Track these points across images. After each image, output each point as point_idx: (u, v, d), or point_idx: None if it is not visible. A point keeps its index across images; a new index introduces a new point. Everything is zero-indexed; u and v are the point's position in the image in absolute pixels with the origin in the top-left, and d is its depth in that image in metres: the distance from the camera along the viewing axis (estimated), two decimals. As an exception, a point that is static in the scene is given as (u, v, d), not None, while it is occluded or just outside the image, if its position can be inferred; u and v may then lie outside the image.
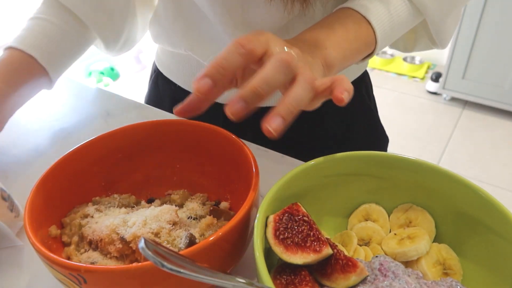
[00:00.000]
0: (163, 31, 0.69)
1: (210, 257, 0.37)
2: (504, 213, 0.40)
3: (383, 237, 0.46)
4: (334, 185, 0.48)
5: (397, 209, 0.49)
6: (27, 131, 0.71)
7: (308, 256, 0.38)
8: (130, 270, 0.34)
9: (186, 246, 0.41)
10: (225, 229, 0.37)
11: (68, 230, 0.45)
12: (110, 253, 0.42)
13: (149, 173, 0.54)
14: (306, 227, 0.39)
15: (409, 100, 2.70)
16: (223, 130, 0.50)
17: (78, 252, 0.44)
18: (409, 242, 0.44)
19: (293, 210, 0.40)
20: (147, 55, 2.97)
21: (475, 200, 0.42)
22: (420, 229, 0.46)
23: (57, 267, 0.35)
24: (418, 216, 0.47)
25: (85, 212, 0.46)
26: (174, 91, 0.75)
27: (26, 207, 0.40)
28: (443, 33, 0.60)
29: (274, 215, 0.40)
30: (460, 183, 0.43)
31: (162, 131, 0.52)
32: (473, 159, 2.16)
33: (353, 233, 0.47)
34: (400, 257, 0.44)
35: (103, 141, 0.49)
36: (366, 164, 0.47)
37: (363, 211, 0.49)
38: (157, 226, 0.42)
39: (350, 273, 0.38)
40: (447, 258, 0.45)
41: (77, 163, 0.48)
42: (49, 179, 0.44)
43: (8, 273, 0.47)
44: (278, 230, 0.39)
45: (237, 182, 0.50)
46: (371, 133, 0.80)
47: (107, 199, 0.49)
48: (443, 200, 0.45)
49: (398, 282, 0.39)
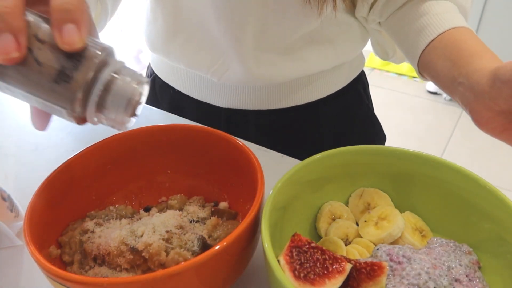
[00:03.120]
0: (162, 47, 0.68)
1: (229, 255, 0.37)
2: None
3: (356, 229, 0.47)
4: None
5: (352, 197, 0.49)
6: (27, 131, 0.71)
7: (337, 281, 0.37)
8: (157, 278, 0.33)
9: (200, 248, 0.41)
10: (242, 226, 0.37)
11: (68, 249, 0.44)
12: (119, 266, 0.41)
13: (141, 182, 0.53)
14: (318, 253, 0.38)
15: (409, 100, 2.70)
16: (216, 131, 0.50)
17: (83, 270, 0.42)
18: (387, 222, 0.45)
19: (297, 242, 0.39)
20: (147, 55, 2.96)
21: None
22: (384, 207, 0.47)
23: (78, 286, 0.34)
24: (373, 196, 0.48)
25: (83, 227, 0.45)
26: (172, 95, 0.75)
27: (26, 232, 0.38)
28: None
29: (284, 255, 0.38)
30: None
31: (151, 137, 0.51)
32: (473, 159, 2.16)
33: (334, 237, 0.46)
34: (387, 239, 0.44)
35: (90, 153, 0.48)
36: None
37: (328, 212, 0.48)
38: (166, 232, 0.42)
39: (379, 276, 0.38)
40: (416, 222, 0.47)
41: (66, 179, 0.46)
42: (40, 200, 0.42)
43: (8, 273, 0.47)
44: (295, 270, 0.37)
45: (235, 181, 0.50)
46: (369, 131, 0.80)
47: (103, 212, 0.48)
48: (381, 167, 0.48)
49: (416, 263, 0.39)
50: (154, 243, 0.41)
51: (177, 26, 0.64)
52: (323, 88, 0.71)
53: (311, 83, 0.69)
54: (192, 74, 0.70)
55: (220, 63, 0.64)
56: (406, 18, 0.55)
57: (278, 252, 0.39)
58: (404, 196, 0.49)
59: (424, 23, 0.53)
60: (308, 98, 0.70)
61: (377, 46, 0.67)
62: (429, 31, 0.52)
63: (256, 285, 0.45)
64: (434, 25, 0.52)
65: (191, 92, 0.72)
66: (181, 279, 0.34)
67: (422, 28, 0.53)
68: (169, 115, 0.73)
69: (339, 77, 0.72)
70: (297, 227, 0.46)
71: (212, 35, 0.62)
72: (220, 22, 0.59)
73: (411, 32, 0.54)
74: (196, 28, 0.63)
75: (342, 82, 0.73)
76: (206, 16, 0.60)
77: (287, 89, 0.68)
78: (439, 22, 0.51)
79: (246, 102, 0.69)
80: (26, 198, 0.41)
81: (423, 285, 0.37)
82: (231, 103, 0.70)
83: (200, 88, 0.71)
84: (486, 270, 0.42)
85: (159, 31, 0.67)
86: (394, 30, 0.58)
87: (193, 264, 0.34)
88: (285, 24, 0.60)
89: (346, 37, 0.66)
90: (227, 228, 0.45)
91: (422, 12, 0.53)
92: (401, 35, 0.57)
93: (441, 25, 0.51)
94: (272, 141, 0.69)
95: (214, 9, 0.58)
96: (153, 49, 0.70)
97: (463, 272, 0.40)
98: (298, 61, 0.64)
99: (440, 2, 0.53)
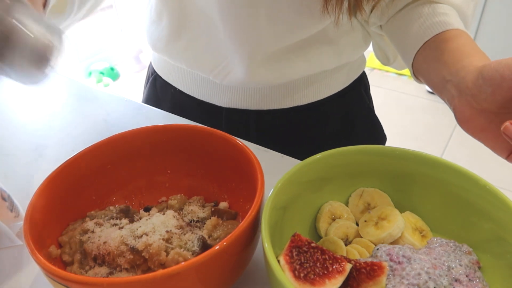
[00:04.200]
0: (165, 47, 0.68)
1: (229, 255, 0.37)
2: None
3: (356, 229, 0.47)
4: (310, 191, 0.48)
5: (352, 197, 0.49)
6: (27, 131, 0.71)
7: (337, 281, 0.37)
8: (157, 278, 0.33)
9: (200, 248, 0.41)
10: (242, 226, 0.37)
11: (68, 249, 0.44)
12: (119, 266, 0.41)
13: (141, 182, 0.53)
14: (318, 252, 0.38)
15: (409, 100, 2.69)
16: (216, 130, 0.50)
17: (83, 270, 0.42)
18: (387, 222, 0.45)
19: (297, 242, 0.39)
20: (147, 55, 2.97)
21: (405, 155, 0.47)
22: (384, 207, 0.47)
23: (78, 286, 0.34)
24: (373, 196, 0.48)
25: (84, 227, 0.45)
26: (173, 94, 0.75)
27: (26, 232, 0.38)
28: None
29: (284, 255, 0.38)
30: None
31: (151, 137, 0.52)
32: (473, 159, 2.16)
33: (334, 237, 0.46)
34: (387, 239, 0.44)
35: (90, 153, 0.48)
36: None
37: (328, 212, 0.48)
38: (166, 232, 0.42)
39: (379, 276, 0.38)
40: (416, 221, 0.47)
41: (66, 179, 0.46)
42: (40, 200, 0.42)
43: (8, 273, 0.47)
44: (295, 270, 0.37)
45: (235, 181, 0.50)
46: (370, 131, 0.80)
47: (103, 212, 0.48)
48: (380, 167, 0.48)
49: (416, 263, 0.39)
50: (154, 243, 0.41)
51: (182, 28, 0.64)
52: (325, 88, 0.71)
53: (312, 84, 0.69)
54: (193, 74, 0.70)
55: (223, 66, 0.64)
56: (405, 21, 0.55)
57: (278, 252, 0.39)
58: (404, 196, 0.48)
59: (420, 25, 0.53)
60: (310, 99, 0.70)
61: (378, 51, 0.67)
62: (424, 32, 0.52)
63: (256, 285, 0.45)
64: (430, 27, 0.51)
65: (192, 91, 0.72)
66: (181, 279, 0.34)
67: (418, 30, 0.52)
68: (170, 114, 0.73)
69: (340, 78, 0.72)
70: (297, 227, 0.46)
71: (216, 38, 0.62)
72: (225, 25, 0.59)
73: (408, 34, 0.54)
74: (201, 31, 0.63)
75: (344, 83, 0.73)
76: (212, 19, 0.60)
77: (288, 90, 0.69)
78: (435, 24, 0.51)
79: (247, 102, 0.70)
80: (26, 198, 0.41)
81: (423, 285, 0.37)
82: (232, 103, 0.70)
83: (202, 87, 0.71)
84: (486, 270, 0.42)
85: (163, 31, 0.66)
86: (393, 32, 0.58)
87: (193, 264, 0.34)
88: (292, 28, 0.60)
89: (349, 39, 0.66)
90: (227, 228, 0.45)
91: (420, 15, 0.53)
92: (398, 37, 0.57)
93: (437, 27, 0.51)
94: (272, 141, 0.69)
95: (220, 12, 0.58)
96: (155, 48, 0.70)
97: (463, 272, 0.40)
98: (301, 62, 0.64)
99: (440, 6, 0.53)
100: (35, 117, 0.74)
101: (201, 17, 0.61)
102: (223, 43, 0.62)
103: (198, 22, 0.62)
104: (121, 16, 2.92)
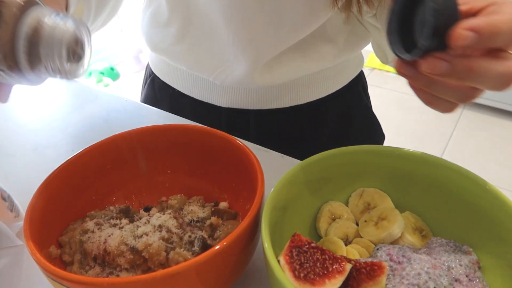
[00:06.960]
0: (166, 49, 0.68)
1: (229, 255, 0.37)
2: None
3: (356, 229, 0.47)
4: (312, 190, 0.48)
5: (352, 197, 0.49)
6: (27, 131, 0.71)
7: (337, 281, 0.36)
8: (157, 278, 0.33)
9: (200, 248, 0.41)
10: (242, 226, 0.37)
11: (68, 249, 0.44)
12: (119, 266, 0.41)
13: (140, 182, 0.53)
14: (318, 253, 0.38)
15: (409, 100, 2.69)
16: (216, 131, 0.50)
17: (83, 270, 0.42)
18: (387, 222, 0.45)
19: (297, 242, 0.39)
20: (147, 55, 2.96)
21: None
22: (384, 207, 0.47)
23: (78, 286, 0.34)
24: (373, 196, 0.48)
25: (84, 227, 0.45)
26: (171, 95, 0.75)
27: (26, 232, 0.38)
28: None
29: (284, 255, 0.38)
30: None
31: (151, 137, 0.51)
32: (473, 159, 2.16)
33: (334, 237, 0.46)
34: (387, 239, 0.44)
35: (90, 153, 0.48)
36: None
37: (328, 212, 0.48)
38: (166, 232, 0.42)
39: (379, 276, 0.38)
40: (416, 221, 0.47)
41: (66, 179, 0.46)
42: (40, 200, 0.42)
43: (8, 273, 0.47)
44: (295, 270, 0.37)
45: (235, 181, 0.50)
46: (369, 130, 0.81)
47: (103, 212, 0.48)
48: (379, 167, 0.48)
49: (416, 263, 0.39)
50: (154, 243, 0.41)
51: (186, 31, 0.64)
52: (324, 87, 0.71)
53: (312, 83, 0.69)
54: (193, 75, 0.70)
55: (224, 68, 0.64)
56: None
57: (278, 252, 0.39)
58: (404, 196, 0.48)
59: None
60: (309, 98, 0.70)
61: (377, 49, 0.67)
62: None
63: (256, 285, 0.45)
64: None
65: (192, 92, 0.72)
66: (181, 279, 0.34)
67: None
68: (170, 114, 0.73)
69: (339, 77, 0.72)
70: (297, 227, 0.46)
71: (220, 42, 0.62)
72: (229, 30, 0.59)
73: None
74: (205, 35, 0.63)
75: (342, 82, 0.73)
76: (216, 24, 0.60)
77: (288, 89, 0.69)
78: None
79: (247, 102, 0.70)
80: (26, 198, 0.41)
81: (423, 285, 0.37)
82: (232, 103, 0.70)
83: (201, 88, 0.71)
84: (486, 270, 0.42)
85: (168, 35, 0.66)
86: (383, 20, 0.58)
87: (193, 264, 0.34)
88: (295, 29, 0.60)
89: (348, 36, 0.66)
90: (227, 228, 0.45)
91: None
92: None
93: None
94: (272, 141, 0.69)
95: (224, 17, 0.58)
96: (155, 50, 0.70)
97: (463, 272, 0.40)
98: (301, 61, 0.64)
99: None
100: (35, 117, 0.74)
101: (205, 21, 0.61)
102: (226, 47, 0.62)
103: (202, 27, 0.63)
104: (121, 16, 2.92)
